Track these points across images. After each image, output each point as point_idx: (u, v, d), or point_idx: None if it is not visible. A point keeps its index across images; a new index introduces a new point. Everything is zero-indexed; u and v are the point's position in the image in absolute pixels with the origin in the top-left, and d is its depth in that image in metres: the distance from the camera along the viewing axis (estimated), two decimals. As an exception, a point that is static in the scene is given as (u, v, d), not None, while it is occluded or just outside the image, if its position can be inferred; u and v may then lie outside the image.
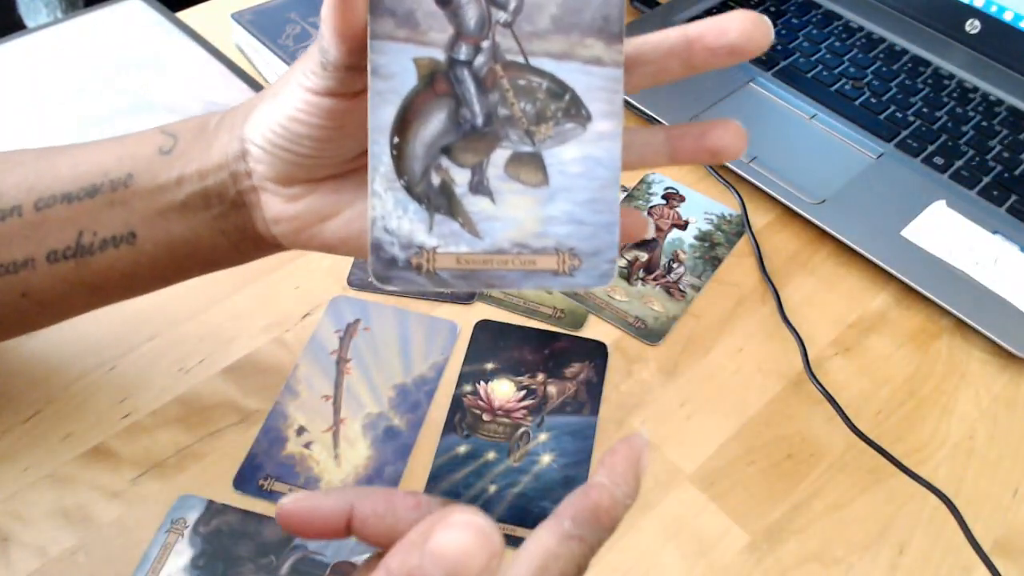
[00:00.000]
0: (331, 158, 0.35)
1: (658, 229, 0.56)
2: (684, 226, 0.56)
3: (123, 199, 0.38)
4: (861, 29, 0.71)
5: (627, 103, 0.63)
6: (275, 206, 0.37)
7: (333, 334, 0.48)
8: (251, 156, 0.36)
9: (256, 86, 0.62)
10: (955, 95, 0.65)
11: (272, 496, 0.41)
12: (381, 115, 0.26)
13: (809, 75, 0.66)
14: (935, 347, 0.51)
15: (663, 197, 0.58)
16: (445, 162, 0.27)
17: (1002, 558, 0.42)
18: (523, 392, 0.46)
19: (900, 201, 0.57)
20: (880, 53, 0.68)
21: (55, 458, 0.42)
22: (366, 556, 0.39)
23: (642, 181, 0.59)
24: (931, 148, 0.61)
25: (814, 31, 0.70)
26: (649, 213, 0.57)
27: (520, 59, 0.27)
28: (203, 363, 0.46)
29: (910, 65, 0.68)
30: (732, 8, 0.72)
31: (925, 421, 0.47)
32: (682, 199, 0.58)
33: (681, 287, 0.52)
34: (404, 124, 0.27)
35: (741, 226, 0.57)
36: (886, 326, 0.52)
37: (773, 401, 0.47)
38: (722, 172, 0.59)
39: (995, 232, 0.55)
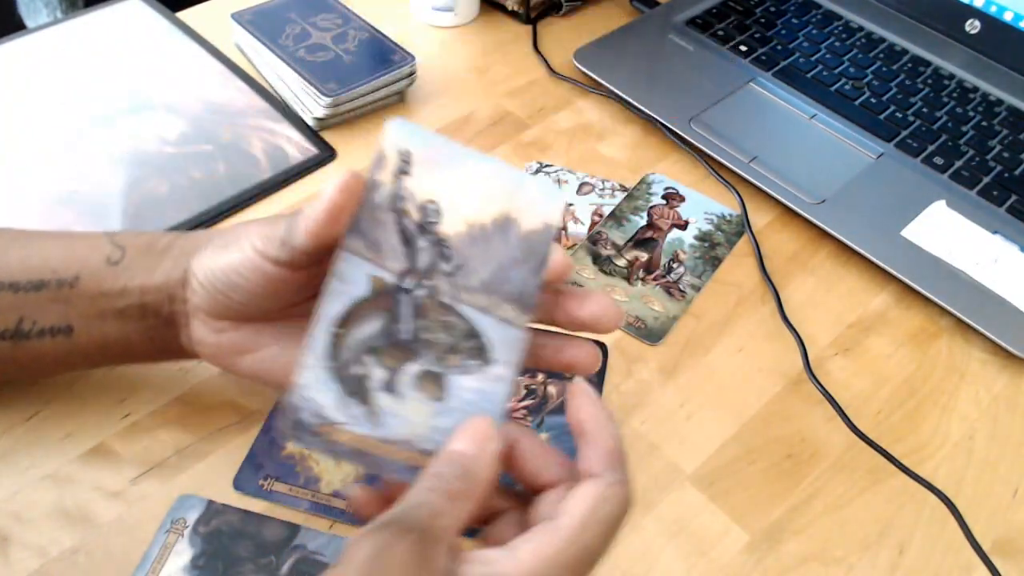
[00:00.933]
0: (259, 309, 0.38)
1: (658, 229, 0.56)
2: (684, 226, 0.56)
3: (66, 297, 0.40)
4: (861, 29, 0.71)
5: (628, 103, 0.63)
6: (200, 332, 0.40)
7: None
8: (190, 287, 0.39)
9: (255, 85, 0.62)
10: (955, 95, 0.65)
11: (272, 496, 0.41)
12: (331, 307, 0.32)
13: (809, 75, 0.66)
14: (935, 347, 0.51)
15: (663, 197, 0.58)
16: (369, 360, 0.32)
17: (1002, 558, 0.42)
18: (523, 392, 0.46)
19: (900, 201, 0.57)
20: (880, 53, 0.68)
21: (55, 458, 0.42)
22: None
23: (642, 181, 0.59)
24: (931, 148, 0.61)
25: (814, 31, 0.70)
26: (649, 213, 0.57)
27: (450, 302, 0.33)
28: (203, 363, 0.46)
29: (910, 65, 0.68)
30: (733, 8, 0.72)
31: (925, 421, 0.47)
32: (682, 199, 0.58)
33: (681, 287, 0.52)
34: (347, 320, 0.32)
35: (741, 226, 0.57)
36: (886, 326, 0.52)
37: (773, 401, 0.47)
38: (722, 172, 0.59)
39: (995, 232, 0.55)
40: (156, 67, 0.63)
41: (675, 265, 0.54)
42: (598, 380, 0.47)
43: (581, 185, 0.58)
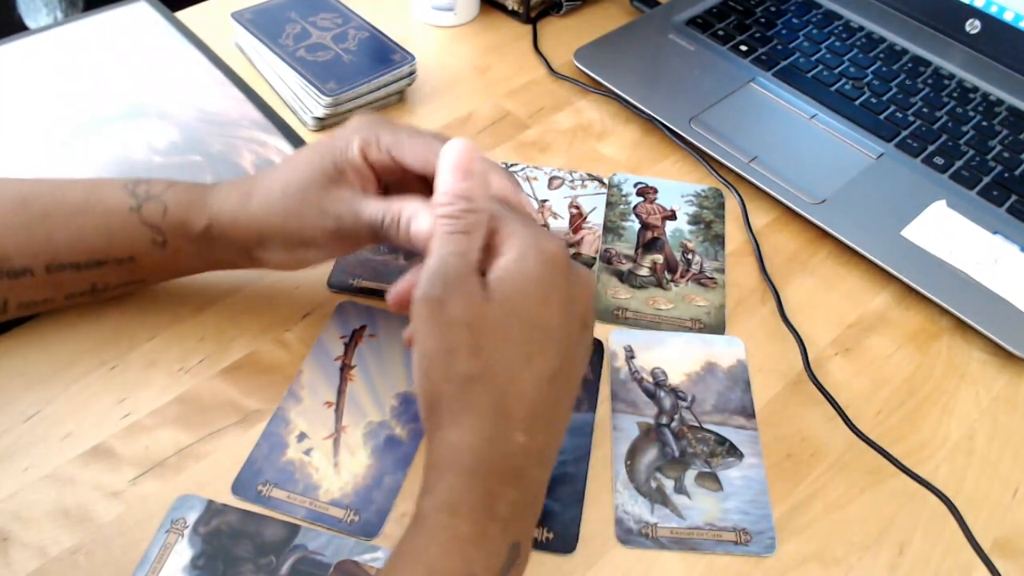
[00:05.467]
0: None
1: (654, 227, 0.56)
2: (673, 216, 0.56)
3: (129, 268, 0.44)
4: (861, 29, 0.71)
5: (628, 103, 0.63)
6: (278, 258, 0.44)
7: (338, 340, 0.48)
8: (262, 248, 0.43)
9: (251, 94, 0.62)
10: (955, 95, 0.65)
11: (270, 503, 0.41)
12: (619, 449, 0.44)
13: (809, 75, 0.66)
14: (935, 347, 0.51)
15: (638, 194, 0.58)
16: (658, 475, 0.44)
17: (1002, 558, 0.42)
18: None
19: (900, 201, 0.57)
20: (880, 53, 0.68)
21: (55, 458, 0.42)
22: (368, 556, 0.39)
23: (611, 184, 0.58)
24: (931, 148, 0.61)
25: (814, 31, 0.70)
26: (637, 214, 0.56)
27: (696, 424, 0.46)
28: (203, 363, 0.46)
29: (910, 65, 0.67)
30: (733, 8, 0.72)
31: (925, 421, 0.47)
32: (655, 190, 0.58)
33: (708, 275, 0.53)
34: (632, 454, 0.44)
35: (720, 196, 0.58)
36: (886, 326, 0.52)
37: (773, 401, 0.47)
38: (722, 172, 0.59)
39: (995, 232, 0.55)
40: (154, 72, 0.63)
41: (689, 256, 0.54)
42: (594, 378, 0.47)
43: (551, 180, 0.58)
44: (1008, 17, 0.66)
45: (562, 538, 0.41)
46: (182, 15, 0.69)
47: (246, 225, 0.42)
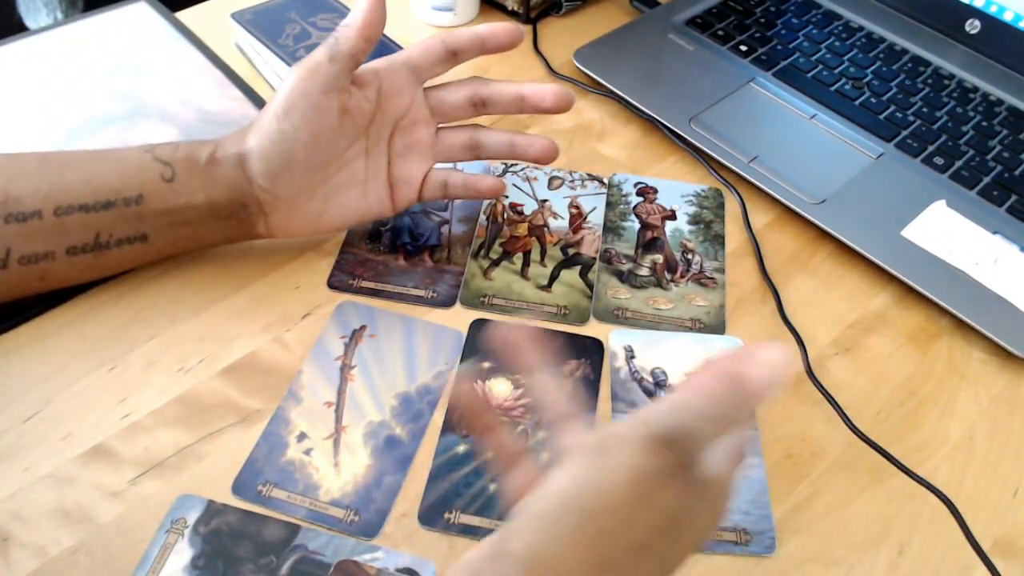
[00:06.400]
0: (319, 157, 0.45)
1: (654, 227, 0.56)
2: (673, 215, 0.56)
3: (135, 213, 0.44)
4: (861, 29, 0.71)
5: (628, 103, 0.63)
6: (278, 219, 0.47)
7: (338, 340, 0.48)
8: (256, 184, 0.45)
9: (251, 94, 0.62)
10: (955, 95, 0.65)
11: (270, 503, 0.41)
12: None
13: (809, 75, 0.66)
14: (935, 347, 0.51)
15: (638, 194, 0.58)
16: None
17: (1002, 558, 0.42)
18: (520, 391, 0.46)
19: (900, 201, 0.57)
20: (880, 53, 0.68)
21: (55, 458, 0.42)
22: (368, 556, 0.39)
23: (611, 184, 0.58)
24: (931, 148, 0.61)
25: (814, 31, 0.70)
26: (637, 214, 0.57)
27: None
28: (203, 363, 0.46)
29: (910, 65, 0.67)
30: (733, 8, 0.72)
31: (925, 421, 0.47)
32: (655, 190, 0.58)
33: (708, 274, 0.53)
34: None
35: (719, 196, 0.58)
36: (886, 326, 0.52)
37: (773, 401, 0.47)
38: (722, 172, 0.59)
39: (995, 232, 0.55)
40: (153, 72, 0.63)
41: (689, 256, 0.54)
42: (595, 377, 0.47)
43: (551, 180, 0.58)
44: (1008, 17, 0.66)
45: (562, 538, 0.41)
46: (182, 15, 0.69)
47: (256, 138, 0.45)
